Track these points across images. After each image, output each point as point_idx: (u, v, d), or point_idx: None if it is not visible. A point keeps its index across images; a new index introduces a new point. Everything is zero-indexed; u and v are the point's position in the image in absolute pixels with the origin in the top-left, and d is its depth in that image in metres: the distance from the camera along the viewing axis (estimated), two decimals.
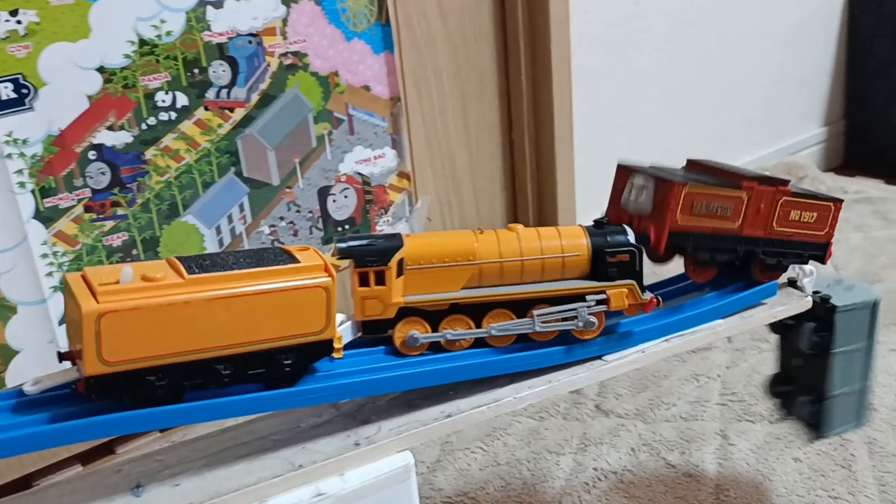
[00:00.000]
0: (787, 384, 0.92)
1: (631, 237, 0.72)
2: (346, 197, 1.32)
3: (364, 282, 0.64)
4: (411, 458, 0.62)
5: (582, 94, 1.55)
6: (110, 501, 0.57)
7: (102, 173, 1.09)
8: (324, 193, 1.30)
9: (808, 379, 0.88)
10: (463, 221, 1.50)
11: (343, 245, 0.64)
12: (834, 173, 2.10)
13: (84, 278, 0.55)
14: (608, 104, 1.65)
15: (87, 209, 1.08)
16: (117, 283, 0.54)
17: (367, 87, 1.31)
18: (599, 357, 0.71)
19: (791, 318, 0.85)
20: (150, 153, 1.12)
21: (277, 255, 0.60)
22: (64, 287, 0.56)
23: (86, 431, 0.55)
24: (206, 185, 1.18)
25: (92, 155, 1.07)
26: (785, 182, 0.77)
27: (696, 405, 1.17)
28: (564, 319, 0.69)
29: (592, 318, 0.70)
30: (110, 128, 1.08)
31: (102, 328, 0.52)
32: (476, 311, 0.69)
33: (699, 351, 1.30)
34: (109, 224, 1.11)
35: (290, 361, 0.59)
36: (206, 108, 1.16)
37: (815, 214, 0.79)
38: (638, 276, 0.72)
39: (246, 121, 1.20)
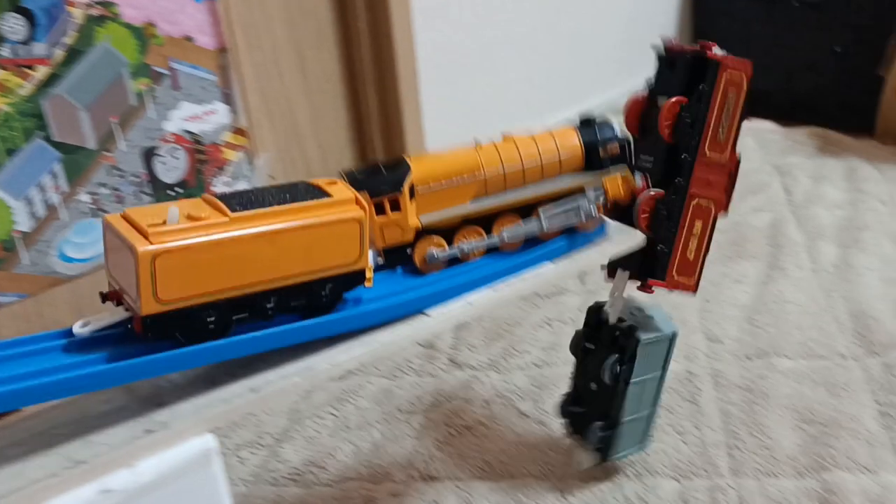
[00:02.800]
0: (578, 405, 0.92)
1: (619, 131, 0.77)
2: (175, 158, 1.23)
3: (380, 210, 0.67)
4: (213, 441, 0.57)
5: (426, 37, 1.50)
6: None
7: None
8: (149, 155, 1.20)
9: (601, 404, 0.88)
10: (309, 175, 1.43)
11: (355, 179, 0.66)
12: None
13: (128, 219, 0.56)
14: (454, 47, 1.60)
15: None
16: (165, 223, 0.55)
17: (189, 38, 1.21)
18: (422, 312, 0.67)
19: (592, 342, 0.89)
20: None
21: (309, 190, 0.61)
22: (105, 228, 0.57)
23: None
24: (10, 152, 1.07)
25: None
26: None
27: (550, 351, 1.16)
28: (566, 214, 0.75)
29: (593, 208, 0.75)
30: None
31: (157, 268, 0.54)
32: (486, 220, 0.73)
33: (552, 295, 1.29)
34: None
35: (327, 291, 0.62)
36: (3, 68, 1.04)
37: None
38: (630, 165, 0.78)
39: (51, 80, 1.09)
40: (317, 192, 0.61)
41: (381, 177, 0.67)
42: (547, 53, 1.82)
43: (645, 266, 0.81)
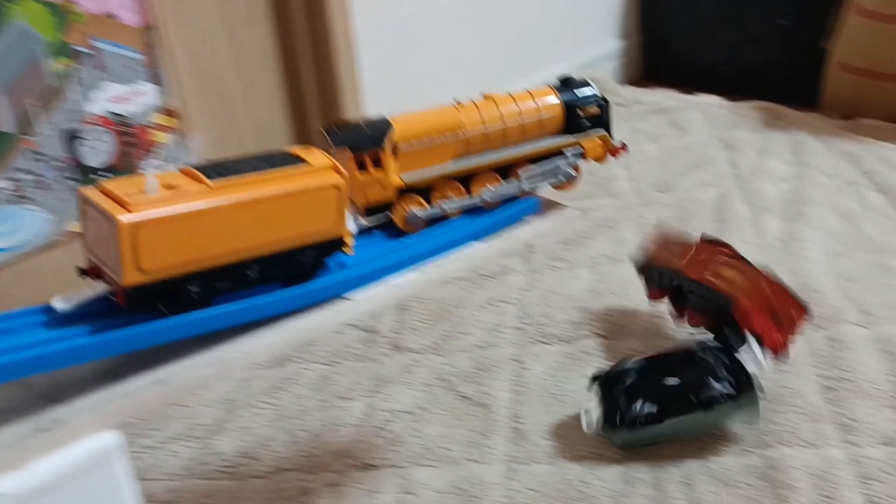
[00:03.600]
0: (628, 381, 0.89)
1: (597, 91, 0.78)
2: (101, 141, 1.18)
3: (362, 167, 0.67)
4: (115, 438, 0.53)
5: (363, 9, 1.45)
6: None
7: None
8: (73, 138, 1.15)
9: (664, 395, 0.87)
10: None
11: (336, 135, 0.66)
12: (632, 85, 2.11)
13: (105, 191, 0.55)
14: (394, 20, 1.56)
15: None
16: (144, 193, 0.54)
17: (112, 16, 1.16)
18: (343, 297, 0.64)
19: (710, 355, 0.88)
20: None
21: (286, 158, 0.61)
22: (81, 202, 0.56)
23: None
24: None
25: None
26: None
27: (492, 332, 1.13)
28: (546, 174, 0.76)
29: (571, 170, 0.77)
30: None
31: (140, 238, 0.53)
32: (466, 178, 0.73)
33: (497, 275, 1.27)
34: None
35: (308, 258, 0.62)
36: None
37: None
38: (607, 126, 0.78)
39: None
40: (294, 160, 0.61)
41: (362, 133, 0.67)
42: (491, 27, 1.79)
43: None
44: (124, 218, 0.52)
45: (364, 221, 0.69)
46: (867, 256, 1.25)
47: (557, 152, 0.76)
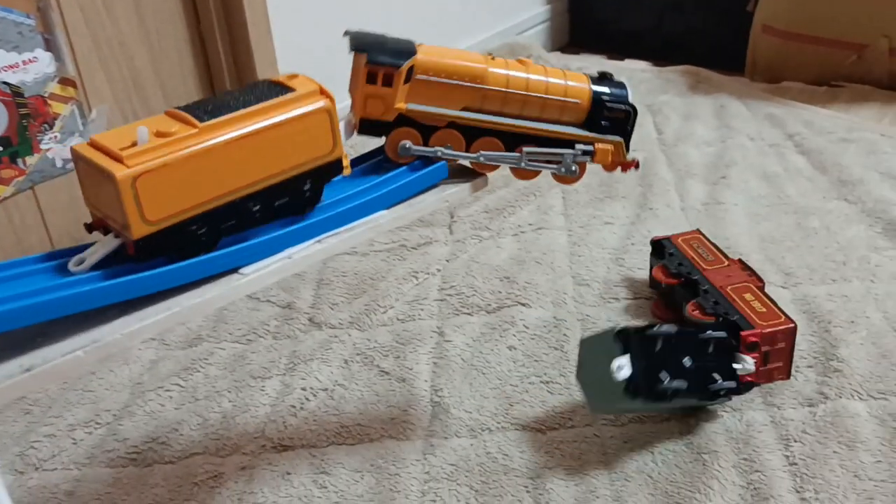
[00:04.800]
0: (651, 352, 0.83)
1: (630, 95, 0.74)
2: None
3: (371, 80, 0.65)
4: None
5: None
6: None
7: None
8: None
9: (679, 373, 0.82)
10: None
11: (357, 37, 0.65)
12: (560, 52, 2.09)
13: (97, 146, 0.55)
14: None
15: None
16: (135, 144, 0.54)
17: None
18: (235, 271, 0.59)
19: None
20: None
21: (272, 88, 0.60)
22: (76, 159, 0.56)
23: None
24: None
25: None
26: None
27: (414, 304, 1.10)
28: (549, 162, 0.73)
29: (575, 167, 0.74)
30: None
31: (140, 190, 0.53)
32: (468, 133, 0.71)
33: (419, 246, 1.23)
34: None
35: (308, 186, 0.62)
36: None
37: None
38: (627, 136, 0.75)
39: None
40: (279, 89, 0.60)
41: (384, 47, 0.65)
42: None
43: None
44: (121, 173, 0.52)
45: (350, 138, 0.68)
46: (788, 218, 1.25)
47: (568, 143, 0.73)
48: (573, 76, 0.73)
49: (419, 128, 0.69)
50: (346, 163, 0.64)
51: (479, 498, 0.80)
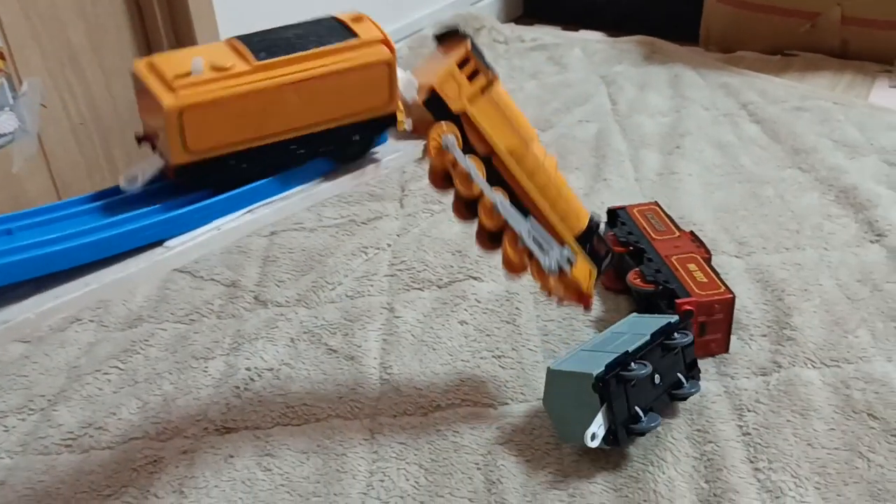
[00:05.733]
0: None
1: (611, 254, 0.81)
2: None
3: (463, 65, 0.65)
4: None
5: None
6: None
7: None
8: None
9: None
10: (92, 103, 1.27)
11: (466, 35, 0.65)
12: (514, 23, 2.06)
13: (154, 68, 0.54)
14: None
15: None
16: (189, 74, 0.53)
17: None
18: (160, 244, 0.56)
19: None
20: None
21: (334, 30, 0.58)
22: (135, 74, 0.55)
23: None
24: None
25: None
26: None
27: (363, 280, 1.07)
28: (540, 247, 0.76)
29: (556, 267, 0.75)
30: None
31: (185, 121, 0.54)
32: (490, 169, 0.71)
33: (369, 221, 1.20)
34: None
35: (358, 137, 0.60)
36: None
37: None
38: (599, 272, 0.79)
39: None
40: (342, 32, 0.57)
41: (482, 53, 0.66)
42: None
43: None
44: (170, 102, 0.52)
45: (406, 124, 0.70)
46: (742, 187, 1.24)
47: (560, 239, 0.77)
48: (577, 207, 0.78)
49: (464, 136, 0.69)
50: (401, 118, 0.62)
51: (429, 476, 0.78)
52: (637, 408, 0.77)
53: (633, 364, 0.76)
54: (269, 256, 1.13)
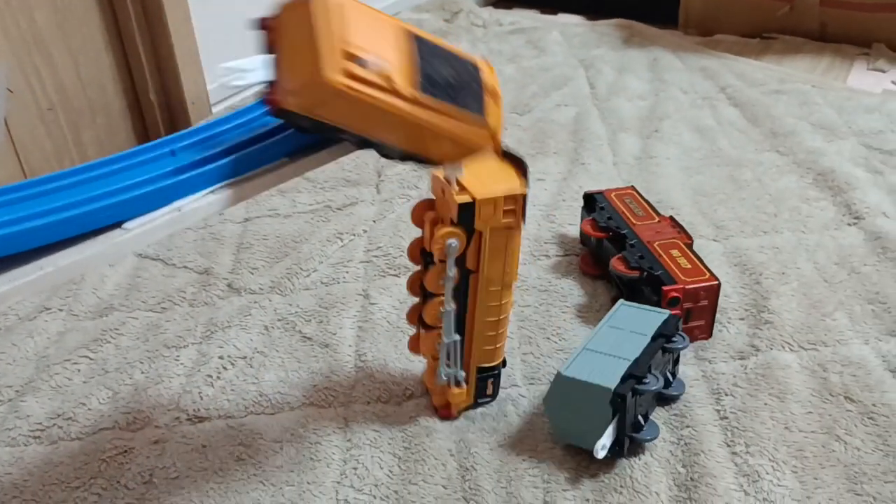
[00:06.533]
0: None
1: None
2: None
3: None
4: None
5: None
6: None
7: None
8: None
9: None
10: (61, 87, 1.24)
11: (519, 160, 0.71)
12: (493, 7, 2.04)
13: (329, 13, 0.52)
14: None
15: None
16: (358, 58, 0.52)
17: None
18: (118, 226, 0.54)
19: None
20: None
21: (475, 87, 0.59)
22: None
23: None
24: None
25: None
26: None
27: (339, 267, 1.06)
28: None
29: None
30: None
31: (324, 96, 0.52)
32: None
33: (345, 207, 1.19)
34: None
35: None
36: None
37: None
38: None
39: None
40: (478, 95, 0.59)
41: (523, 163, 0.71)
42: None
43: None
44: (329, 76, 0.51)
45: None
46: (721, 171, 1.23)
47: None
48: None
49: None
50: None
51: (403, 464, 0.77)
52: (639, 416, 0.77)
53: (647, 378, 0.75)
54: (243, 243, 1.11)
